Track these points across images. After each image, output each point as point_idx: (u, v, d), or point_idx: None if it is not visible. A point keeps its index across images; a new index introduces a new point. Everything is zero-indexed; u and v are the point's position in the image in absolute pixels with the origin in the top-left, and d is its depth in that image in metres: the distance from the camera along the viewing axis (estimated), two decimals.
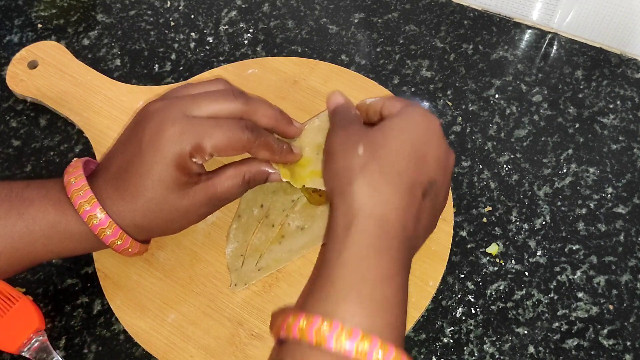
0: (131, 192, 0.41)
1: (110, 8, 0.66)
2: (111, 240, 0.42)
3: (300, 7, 0.65)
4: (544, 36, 0.62)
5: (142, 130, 0.41)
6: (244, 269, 0.47)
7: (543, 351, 0.47)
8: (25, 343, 0.46)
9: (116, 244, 0.42)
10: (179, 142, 0.40)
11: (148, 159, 0.41)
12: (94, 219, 0.41)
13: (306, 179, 0.45)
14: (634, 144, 0.56)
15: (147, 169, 0.41)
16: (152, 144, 0.40)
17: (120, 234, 0.42)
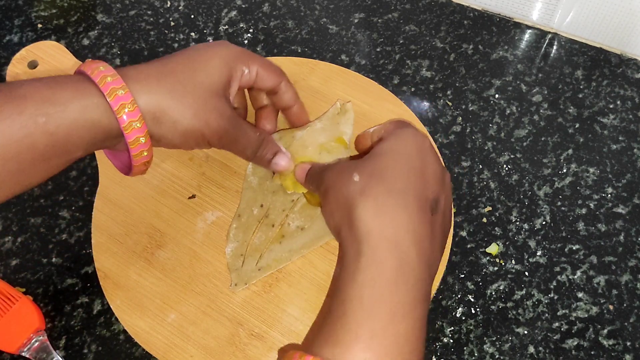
0: (174, 76, 0.40)
1: (110, 8, 0.66)
2: (137, 136, 0.38)
3: (300, 7, 0.65)
4: (544, 36, 0.62)
5: (200, 47, 0.43)
6: (244, 268, 0.47)
7: (543, 351, 0.47)
8: (25, 343, 0.46)
9: (139, 142, 0.39)
10: (230, 47, 0.44)
11: (200, 53, 0.42)
12: (125, 107, 0.37)
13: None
14: (634, 144, 0.56)
15: (198, 57, 0.41)
16: (207, 48, 0.43)
17: (146, 132, 0.39)
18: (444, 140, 0.56)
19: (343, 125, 0.51)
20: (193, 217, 0.50)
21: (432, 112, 0.58)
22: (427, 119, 0.57)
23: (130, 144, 0.39)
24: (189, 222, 0.50)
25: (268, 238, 0.48)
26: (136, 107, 0.38)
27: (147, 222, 0.50)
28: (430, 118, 0.57)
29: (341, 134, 0.50)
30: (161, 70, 0.40)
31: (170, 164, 0.53)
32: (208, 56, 0.42)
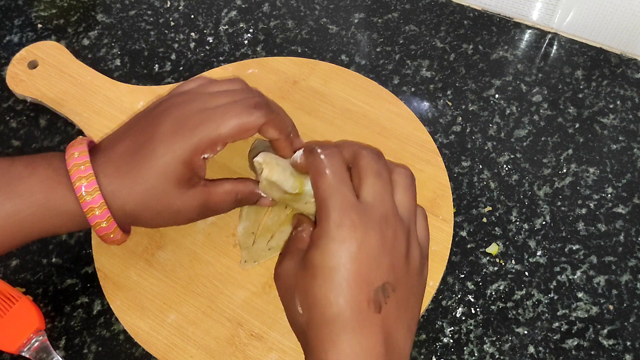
0: (133, 176, 0.41)
1: (110, 8, 0.66)
2: (97, 222, 0.41)
3: (300, 7, 0.65)
4: (544, 36, 0.62)
5: (160, 119, 0.42)
6: (255, 247, 0.48)
7: (543, 351, 0.47)
8: (25, 343, 0.46)
9: (100, 226, 0.41)
10: (192, 137, 0.41)
11: (160, 148, 0.41)
12: (87, 196, 0.40)
13: None
14: (634, 144, 0.56)
15: (156, 157, 0.41)
16: (166, 136, 0.41)
17: (108, 217, 0.41)
18: (444, 140, 0.56)
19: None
20: None
21: (432, 112, 0.58)
22: (427, 119, 0.57)
23: (94, 227, 0.42)
24: None
25: (280, 219, 0.48)
26: (94, 197, 0.40)
27: None
28: (430, 118, 0.57)
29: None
30: (125, 173, 0.41)
31: None
32: (165, 152, 0.41)
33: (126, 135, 0.43)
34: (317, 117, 0.55)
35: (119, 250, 0.49)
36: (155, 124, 0.42)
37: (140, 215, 0.42)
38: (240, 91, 0.45)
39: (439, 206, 0.50)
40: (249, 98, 0.43)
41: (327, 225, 0.37)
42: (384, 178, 0.40)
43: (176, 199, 0.42)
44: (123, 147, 0.42)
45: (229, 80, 0.47)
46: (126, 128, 0.44)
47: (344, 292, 0.36)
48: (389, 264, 0.37)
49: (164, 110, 0.43)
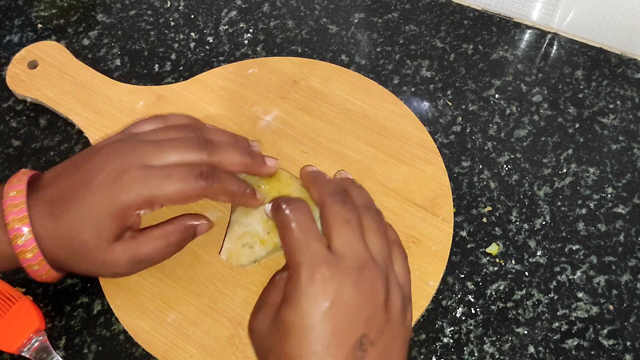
0: (61, 222, 0.40)
1: (110, 8, 0.66)
2: (28, 264, 0.41)
3: (300, 7, 0.65)
4: (544, 36, 0.62)
5: (97, 168, 0.41)
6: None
7: (543, 351, 0.47)
8: (25, 343, 0.46)
9: (32, 268, 0.41)
10: (127, 193, 0.40)
11: (91, 198, 0.40)
12: (18, 239, 0.40)
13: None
14: (634, 144, 0.56)
15: (86, 208, 0.40)
16: (101, 187, 0.40)
17: (40, 260, 0.41)
18: (444, 140, 0.56)
19: None
20: None
21: (432, 112, 0.58)
22: (427, 119, 0.57)
23: (26, 269, 0.41)
24: None
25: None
26: (26, 240, 0.40)
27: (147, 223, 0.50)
28: (430, 118, 0.57)
29: None
30: (57, 223, 0.40)
31: None
32: (99, 206, 0.40)
33: (66, 174, 0.42)
34: (317, 117, 0.55)
35: None
36: (95, 170, 0.41)
37: (68, 262, 0.42)
38: (191, 148, 0.42)
39: (439, 206, 0.50)
40: (196, 166, 0.42)
41: (297, 282, 0.36)
42: (352, 225, 0.39)
43: (102, 253, 0.41)
44: (60, 189, 0.41)
45: (185, 128, 0.45)
46: (69, 165, 0.43)
47: (318, 352, 0.35)
48: (366, 317, 0.36)
49: (107, 155, 0.42)
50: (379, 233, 0.40)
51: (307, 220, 0.39)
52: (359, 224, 0.40)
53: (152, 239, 0.43)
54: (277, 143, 0.54)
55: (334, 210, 0.40)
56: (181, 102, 0.56)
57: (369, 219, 0.41)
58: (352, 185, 0.45)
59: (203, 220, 0.45)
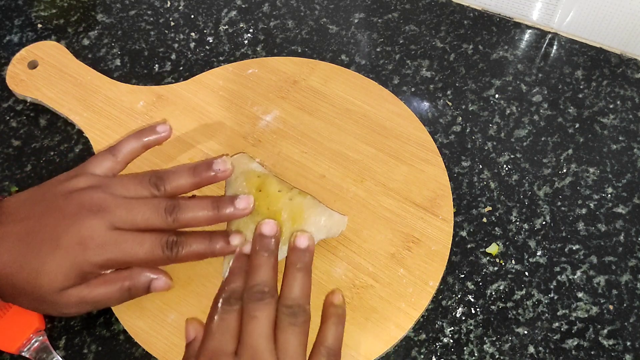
0: (21, 263, 0.40)
1: (110, 8, 0.66)
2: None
3: (300, 7, 0.65)
4: (544, 36, 0.62)
5: (66, 224, 0.41)
6: None
7: (543, 351, 0.47)
8: (25, 343, 0.46)
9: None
10: (94, 255, 0.41)
11: (56, 254, 0.40)
12: None
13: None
14: (634, 144, 0.56)
15: (50, 260, 0.40)
16: (68, 247, 0.40)
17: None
18: (444, 140, 0.56)
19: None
20: None
21: (432, 112, 0.58)
22: (427, 119, 0.57)
23: None
24: None
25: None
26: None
27: None
28: (430, 118, 0.57)
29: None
30: (12, 263, 0.40)
31: (169, 164, 0.53)
32: (57, 258, 0.40)
33: (32, 212, 0.42)
34: (317, 117, 0.55)
35: None
36: (63, 225, 0.41)
37: (15, 298, 0.42)
38: (157, 212, 0.43)
39: (439, 206, 0.50)
40: (164, 234, 0.42)
41: None
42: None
43: (53, 296, 0.41)
44: (25, 228, 0.41)
45: (145, 180, 0.44)
46: (37, 199, 0.43)
47: None
48: None
49: (77, 207, 0.42)
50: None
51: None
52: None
53: (104, 283, 0.43)
54: (277, 143, 0.54)
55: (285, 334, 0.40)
56: (181, 102, 0.56)
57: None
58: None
59: (162, 277, 0.45)
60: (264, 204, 0.45)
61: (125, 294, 0.44)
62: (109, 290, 0.43)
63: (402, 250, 0.48)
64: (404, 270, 0.48)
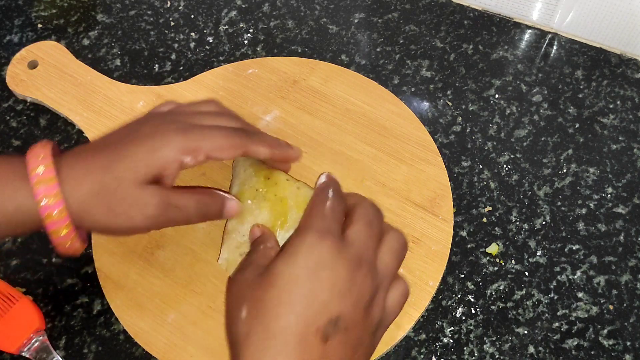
0: (100, 164, 0.39)
1: (110, 8, 0.66)
2: (55, 228, 0.39)
3: (300, 7, 0.65)
4: (544, 36, 0.62)
5: (143, 125, 0.41)
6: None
7: (543, 351, 0.47)
8: (25, 343, 0.46)
9: (60, 235, 0.39)
10: (170, 142, 0.40)
11: (132, 143, 0.40)
12: (47, 199, 0.38)
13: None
14: (634, 144, 0.56)
15: (124, 149, 0.39)
16: (145, 136, 0.40)
17: (68, 224, 0.39)
18: (444, 140, 0.56)
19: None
20: None
21: (432, 112, 0.58)
22: (427, 119, 0.57)
23: (52, 235, 0.39)
24: None
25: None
26: (60, 199, 0.38)
27: None
28: (430, 118, 0.57)
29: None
30: (90, 163, 0.40)
31: None
32: (138, 146, 0.40)
33: (104, 138, 0.42)
34: (317, 117, 0.55)
35: (119, 249, 0.49)
36: (138, 127, 0.41)
37: (93, 210, 0.39)
38: (220, 114, 0.44)
39: (439, 206, 0.50)
40: (231, 124, 0.43)
41: (302, 240, 0.37)
42: (373, 230, 0.39)
43: (134, 190, 0.39)
44: (99, 144, 0.41)
45: (206, 102, 0.46)
46: (106, 135, 0.43)
47: (296, 309, 0.35)
48: (349, 303, 0.36)
49: (148, 117, 0.42)
50: (394, 255, 0.40)
51: (339, 206, 0.40)
52: (379, 235, 0.40)
53: (183, 193, 0.42)
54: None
55: (364, 211, 0.40)
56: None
57: (392, 240, 0.40)
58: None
59: (235, 200, 0.44)
60: (271, 190, 0.45)
61: (202, 208, 0.42)
62: (188, 200, 0.41)
63: None
64: (404, 270, 0.48)
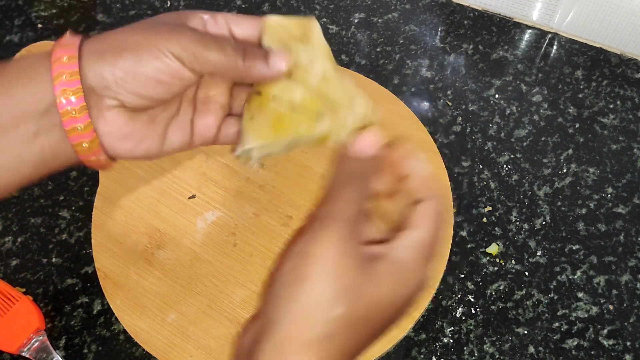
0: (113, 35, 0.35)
1: (110, 8, 0.66)
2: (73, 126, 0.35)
3: (300, 7, 0.65)
4: (544, 36, 0.62)
5: (165, 15, 0.38)
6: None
7: (543, 351, 0.47)
8: (25, 343, 0.46)
9: (76, 131, 0.35)
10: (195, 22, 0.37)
11: (163, 22, 0.37)
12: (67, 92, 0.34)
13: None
14: (634, 144, 0.56)
15: (158, 29, 0.35)
16: (164, 23, 0.37)
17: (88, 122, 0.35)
18: (444, 140, 0.56)
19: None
20: (193, 217, 0.50)
21: (432, 112, 0.58)
22: (427, 119, 0.57)
23: (68, 133, 0.35)
24: (189, 222, 0.50)
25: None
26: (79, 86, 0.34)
27: (147, 222, 0.50)
28: (430, 118, 0.57)
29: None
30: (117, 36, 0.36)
31: (170, 164, 0.53)
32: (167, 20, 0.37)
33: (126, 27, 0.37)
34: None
35: (119, 249, 0.49)
36: (159, 17, 0.38)
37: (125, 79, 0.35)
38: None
39: None
40: None
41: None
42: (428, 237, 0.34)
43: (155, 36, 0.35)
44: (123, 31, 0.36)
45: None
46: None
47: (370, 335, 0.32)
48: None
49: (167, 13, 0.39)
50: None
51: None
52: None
53: (215, 38, 0.37)
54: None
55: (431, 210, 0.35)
56: None
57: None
58: None
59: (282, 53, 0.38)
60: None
61: (240, 56, 0.37)
62: (223, 48, 0.37)
63: None
64: None
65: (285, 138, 0.36)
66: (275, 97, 0.36)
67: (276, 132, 0.36)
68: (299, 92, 0.36)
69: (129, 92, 0.36)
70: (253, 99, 0.37)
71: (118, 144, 0.38)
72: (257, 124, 0.36)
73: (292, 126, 0.36)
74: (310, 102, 0.36)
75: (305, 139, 0.36)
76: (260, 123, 0.36)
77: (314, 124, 0.36)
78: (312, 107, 0.36)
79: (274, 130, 0.36)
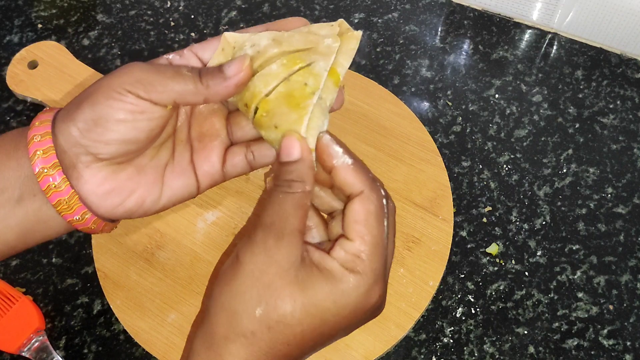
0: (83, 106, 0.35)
1: (110, 8, 0.66)
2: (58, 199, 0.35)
3: (300, 7, 0.65)
4: (544, 36, 0.62)
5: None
6: None
7: (543, 351, 0.47)
8: (25, 343, 0.46)
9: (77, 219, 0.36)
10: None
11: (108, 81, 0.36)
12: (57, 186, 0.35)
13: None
14: (634, 144, 0.56)
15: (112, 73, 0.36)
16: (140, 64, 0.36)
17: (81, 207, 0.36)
18: (444, 140, 0.56)
19: (342, 54, 0.37)
20: (193, 217, 0.50)
21: (432, 112, 0.58)
22: (427, 119, 0.57)
23: (45, 192, 0.36)
24: (189, 222, 0.50)
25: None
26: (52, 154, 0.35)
27: (147, 222, 0.50)
28: (430, 118, 0.57)
29: (336, 65, 0.37)
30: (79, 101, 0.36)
31: None
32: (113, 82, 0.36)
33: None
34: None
35: (119, 249, 0.49)
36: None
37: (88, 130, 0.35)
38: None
39: (439, 206, 0.50)
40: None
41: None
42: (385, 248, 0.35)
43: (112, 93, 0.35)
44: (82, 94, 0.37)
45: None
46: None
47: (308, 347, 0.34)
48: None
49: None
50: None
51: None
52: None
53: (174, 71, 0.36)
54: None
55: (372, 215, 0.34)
56: None
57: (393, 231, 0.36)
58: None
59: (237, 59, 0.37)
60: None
61: (196, 76, 0.36)
62: (179, 72, 0.36)
63: (402, 250, 0.48)
64: (404, 270, 0.48)
65: (314, 97, 0.35)
66: (267, 93, 0.36)
67: (300, 107, 0.35)
68: (277, 68, 0.36)
69: (97, 141, 0.35)
70: (255, 115, 0.37)
71: (102, 201, 0.37)
72: (291, 118, 0.35)
73: (305, 88, 0.35)
74: (291, 62, 0.36)
75: (325, 85, 0.36)
76: (290, 115, 0.35)
77: (315, 71, 0.36)
78: (296, 63, 0.36)
79: (298, 108, 0.35)
